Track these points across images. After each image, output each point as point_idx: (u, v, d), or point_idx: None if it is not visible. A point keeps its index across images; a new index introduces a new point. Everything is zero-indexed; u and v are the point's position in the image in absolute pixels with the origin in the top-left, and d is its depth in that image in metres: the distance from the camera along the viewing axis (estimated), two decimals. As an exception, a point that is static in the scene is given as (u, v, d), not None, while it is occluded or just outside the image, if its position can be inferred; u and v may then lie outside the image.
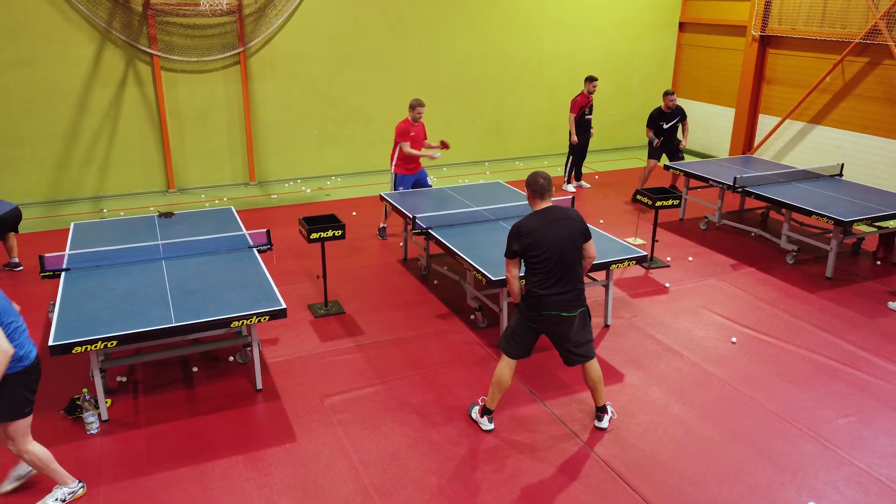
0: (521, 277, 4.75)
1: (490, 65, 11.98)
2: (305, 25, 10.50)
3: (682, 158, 10.10)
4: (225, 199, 10.20)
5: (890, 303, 6.88)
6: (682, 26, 13.33)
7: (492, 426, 4.87)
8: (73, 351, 4.46)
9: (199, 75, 10.12)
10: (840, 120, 10.63)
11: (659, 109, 9.90)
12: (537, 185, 4.55)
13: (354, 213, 9.53)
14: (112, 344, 4.54)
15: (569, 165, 10.78)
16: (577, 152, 10.71)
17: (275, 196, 10.38)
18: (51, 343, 4.44)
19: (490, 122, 12.35)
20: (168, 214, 6.95)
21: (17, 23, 9.04)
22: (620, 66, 13.07)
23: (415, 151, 8.12)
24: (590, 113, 10.54)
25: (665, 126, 9.90)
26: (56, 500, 4.08)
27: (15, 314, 3.84)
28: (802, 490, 4.34)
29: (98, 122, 9.80)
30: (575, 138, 10.50)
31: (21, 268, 7.54)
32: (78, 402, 4.93)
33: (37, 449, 4.01)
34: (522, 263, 4.58)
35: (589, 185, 10.95)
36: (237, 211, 7.65)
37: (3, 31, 9.01)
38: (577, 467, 4.52)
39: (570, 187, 10.80)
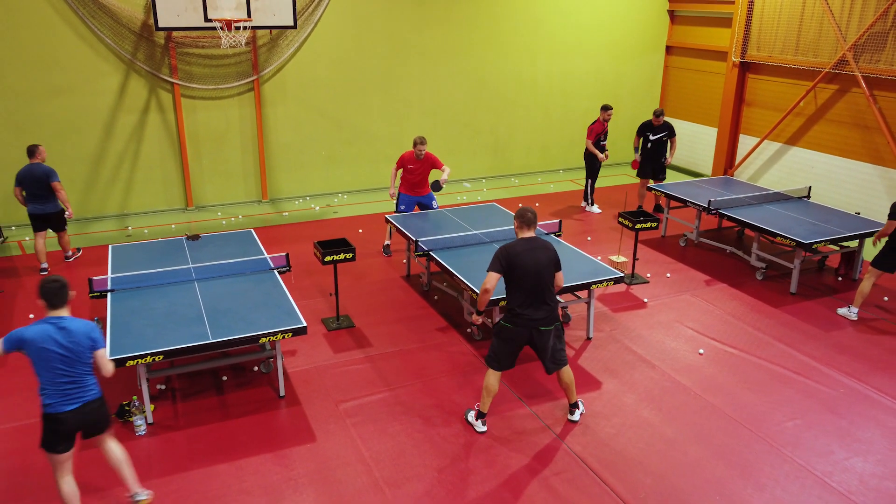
0: (502, 298, 5.48)
1: (487, 87, 12.76)
2: (314, 54, 11.28)
3: (664, 178, 10.86)
4: (240, 216, 10.97)
5: (839, 309, 7.70)
6: (669, 49, 14.10)
7: (485, 428, 5.63)
8: (127, 364, 5.23)
9: (216, 101, 10.89)
10: (813, 142, 11.40)
11: (649, 122, 10.69)
12: (525, 218, 5.35)
13: (361, 231, 10.30)
14: (159, 358, 5.31)
15: (589, 187, 11.32)
16: (595, 174, 11.25)
17: (286, 213, 11.15)
18: (108, 358, 5.20)
19: (487, 141, 13.12)
20: (195, 237, 7.71)
21: (51, 57, 9.82)
22: (611, 86, 13.84)
23: (392, 176, 9.07)
24: (604, 139, 11.09)
25: (652, 137, 10.66)
26: None
27: (45, 372, 4.23)
28: (748, 483, 5.10)
29: (123, 145, 10.58)
30: (603, 155, 10.96)
31: (46, 272, 8.45)
32: (126, 408, 5.70)
33: (63, 488, 4.39)
34: (504, 283, 5.33)
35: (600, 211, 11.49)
36: (251, 228, 8.37)
37: (39, 64, 9.78)
38: (556, 462, 5.29)
39: (595, 208, 11.38)
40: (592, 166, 11.19)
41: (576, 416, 5.75)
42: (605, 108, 10.91)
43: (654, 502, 4.90)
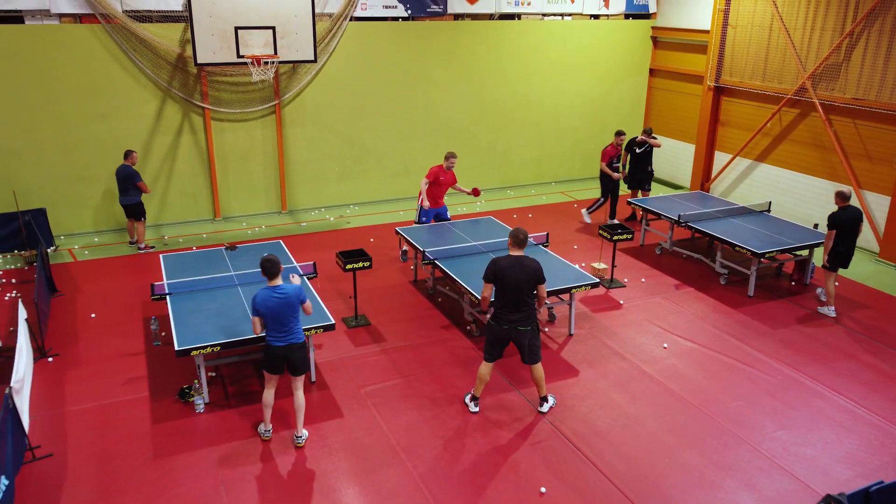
0: (492, 301, 6.67)
1: (484, 108, 14.01)
2: (329, 80, 12.53)
3: (649, 190, 12.15)
4: (263, 226, 12.20)
5: (819, 308, 9.00)
6: (652, 72, 15.35)
7: (477, 409, 6.83)
8: (191, 354, 6.46)
9: (241, 123, 12.13)
10: (779, 159, 12.65)
11: (634, 139, 12.06)
12: (516, 238, 6.42)
13: (372, 240, 11.53)
14: (217, 349, 6.53)
15: (597, 204, 12.36)
16: (613, 191, 12.13)
17: (304, 223, 12.38)
18: (177, 349, 6.43)
19: (485, 157, 14.37)
20: (233, 247, 8.93)
21: (95, 85, 11.06)
22: (599, 106, 15.09)
23: (423, 189, 10.09)
24: (618, 161, 12.07)
25: (637, 151, 12.03)
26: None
27: (267, 320, 6.00)
28: (693, 450, 6.33)
29: (159, 163, 11.82)
30: (618, 175, 11.94)
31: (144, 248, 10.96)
32: (187, 390, 6.93)
33: (264, 396, 6.34)
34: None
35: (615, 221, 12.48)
36: (273, 237, 9.56)
37: (85, 91, 11.03)
38: (539, 434, 6.51)
39: (588, 218, 12.54)
40: (607, 185, 12.18)
41: (544, 409, 6.85)
42: (619, 134, 11.98)
43: (618, 465, 6.13)
